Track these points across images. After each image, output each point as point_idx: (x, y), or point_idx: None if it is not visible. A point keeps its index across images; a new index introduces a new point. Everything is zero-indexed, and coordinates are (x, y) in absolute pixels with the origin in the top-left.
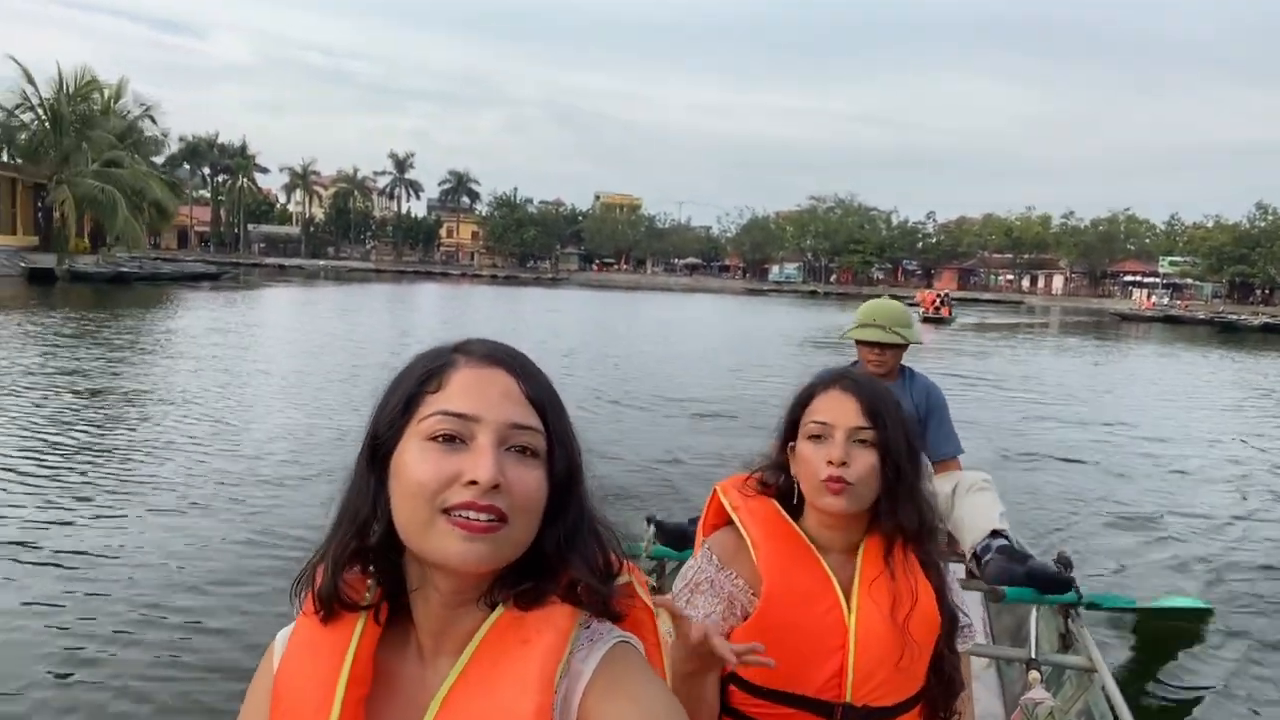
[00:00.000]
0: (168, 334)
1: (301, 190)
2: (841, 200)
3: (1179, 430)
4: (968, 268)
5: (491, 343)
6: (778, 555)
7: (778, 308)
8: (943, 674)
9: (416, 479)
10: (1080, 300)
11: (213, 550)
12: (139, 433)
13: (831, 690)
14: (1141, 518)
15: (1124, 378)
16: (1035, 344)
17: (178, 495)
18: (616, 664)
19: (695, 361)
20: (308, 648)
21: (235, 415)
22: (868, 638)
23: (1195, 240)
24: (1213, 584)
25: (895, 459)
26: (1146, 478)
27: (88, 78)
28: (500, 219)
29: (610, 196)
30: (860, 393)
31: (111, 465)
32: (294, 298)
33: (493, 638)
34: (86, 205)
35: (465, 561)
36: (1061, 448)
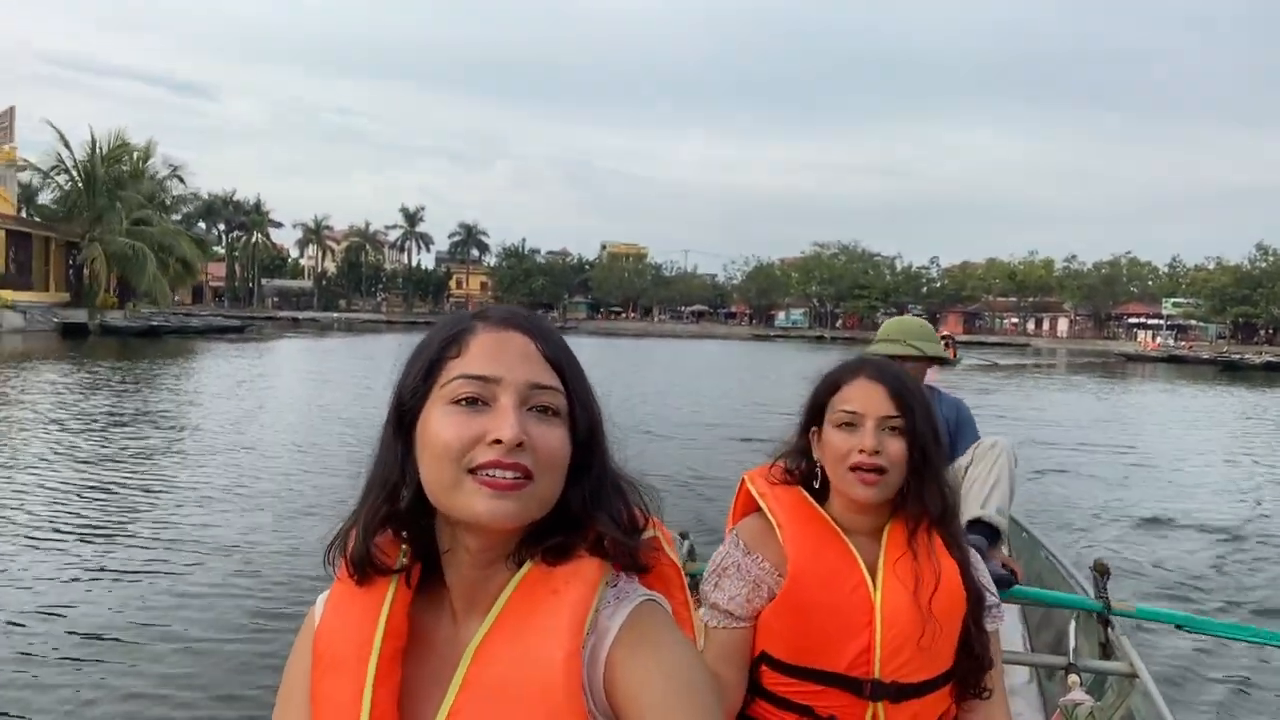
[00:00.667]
0: (206, 379)
1: (315, 245)
2: (845, 247)
3: (1194, 454)
4: (972, 311)
5: (508, 308)
6: (804, 537)
7: (785, 352)
8: (972, 650)
9: (442, 441)
10: (1085, 342)
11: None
12: (200, 468)
13: (860, 667)
14: (1172, 531)
15: (1136, 411)
16: (1044, 383)
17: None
18: (643, 621)
19: (714, 396)
20: (344, 608)
21: (271, 447)
22: (894, 614)
23: (1197, 282)
24: (1237, 597)
25: (922, 444)
26: (1172, 497)
27: (119, 141)
28: (508, 269)
29: (617, 246)
30: (888, 380)
31: (172, 493)
32: (312, 346)
33: (522, 591)
34: (117, 263)
35: (494, 518)
36: (1087, 471)
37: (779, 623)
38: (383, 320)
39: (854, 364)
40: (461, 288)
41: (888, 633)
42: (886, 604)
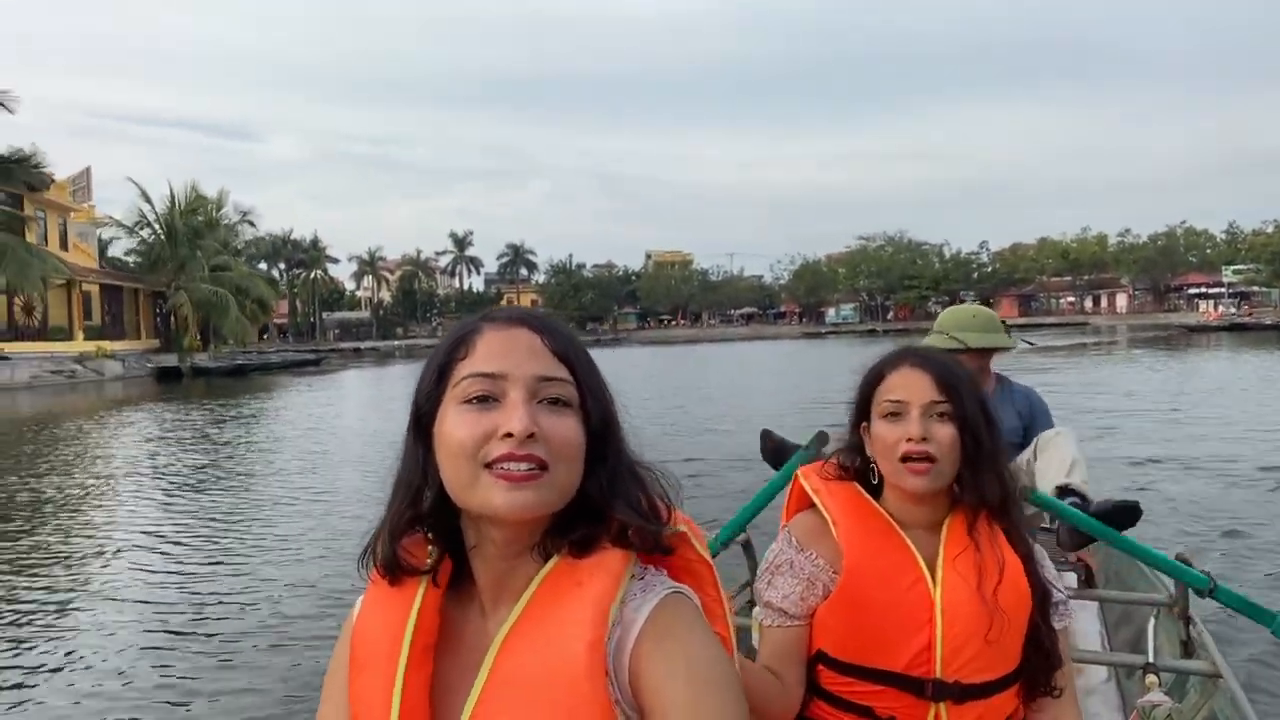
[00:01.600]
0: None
1: (370, 276)
2: (891, 238)
3: (1261, 425)
4: (1027, 294)
5: (515, 307)
6: (859, 532)
7: (838, 348)
8: (1040, 647)
9: (457, 440)
10: (1146, 316)
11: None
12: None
13: (921, 666)
14: (1254, 517)
15: (1201, 383)
16: (1105, 362)
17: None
18: (668, 613)
19: (774, 394)
20: (378, 607)
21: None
22: (955, 611)
23: (1256, 247)
24: None
25: (974, 429)
26: (1251, 483)
27: (195, 193)
28: (557, 285)
29: (661, 254)
30: (931, 367)
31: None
32: (385, 374)
33: (548, 583)
34: (201, 308)
35: (512, 509)
36: (1160, 452)
37: (835, 621)
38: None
39: (897, 353)
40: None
41: (949, 631)
42: (947, 601)
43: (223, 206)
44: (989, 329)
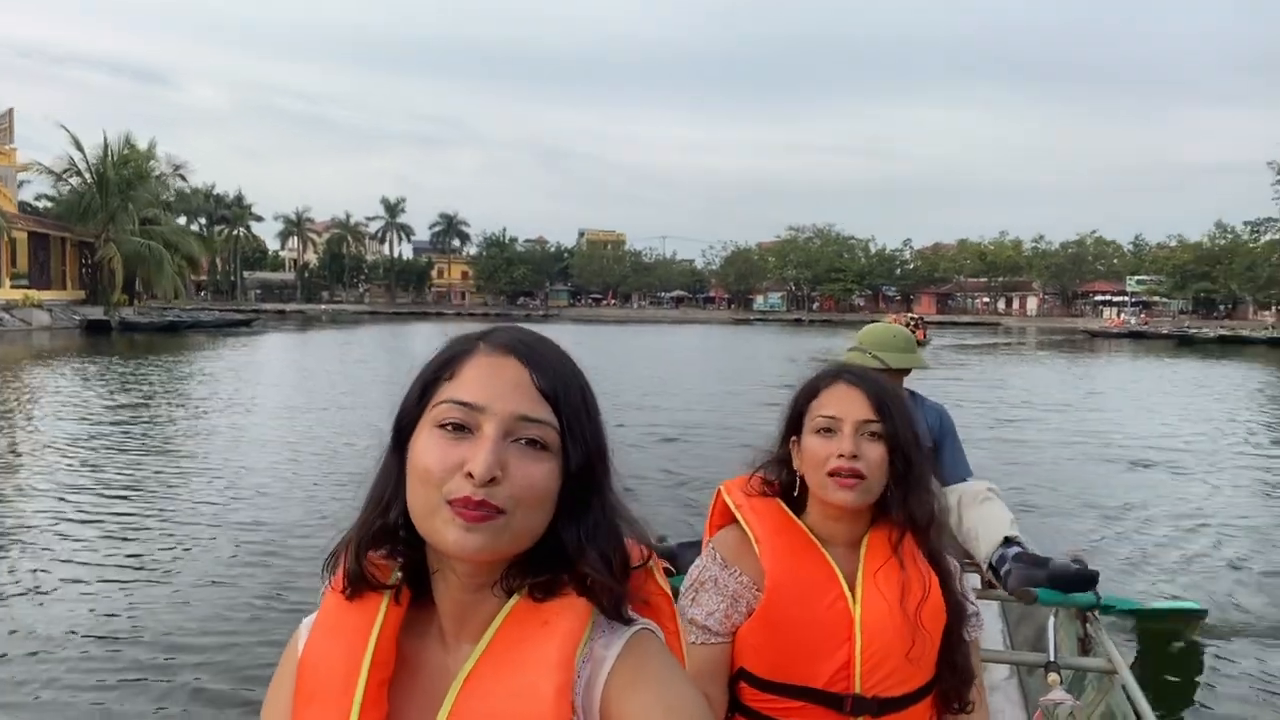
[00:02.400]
0: (250, 368)
1: (296, 237)
2: (820, 230)
3: (1147, 427)
4: (945, 292)
5: (514, 331)
6: (781, 550)
7: (765, 335)
8: (954, 663)
9: (424, 465)
10: (1054, 320)
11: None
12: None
13: (840, 682)
14: (1123, 513)
15: (1098, 383)
16: (1014, 361)
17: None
18: (639, 651)
19: (701, 386)
20: (331, 631)
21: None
22: (874, 628)
23: (1160, 260)
24: (1205, 579)
25: (904, 450)
26: (1125, 474)
27: (129, 144)
28: (489, 258)
29: (595, 233)
30: (866, 386)
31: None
32: (319, 339)
33: (512, 622)
34: (132, 262)
35: (462, 550)
36: (1048, 448)
37: (756, 639)
38: (367, 311)
39: (832, 371)
40: (443, 277)
41: (868, 647)
42: (866, 618)
43: (153, 158)
44: (907, 349)
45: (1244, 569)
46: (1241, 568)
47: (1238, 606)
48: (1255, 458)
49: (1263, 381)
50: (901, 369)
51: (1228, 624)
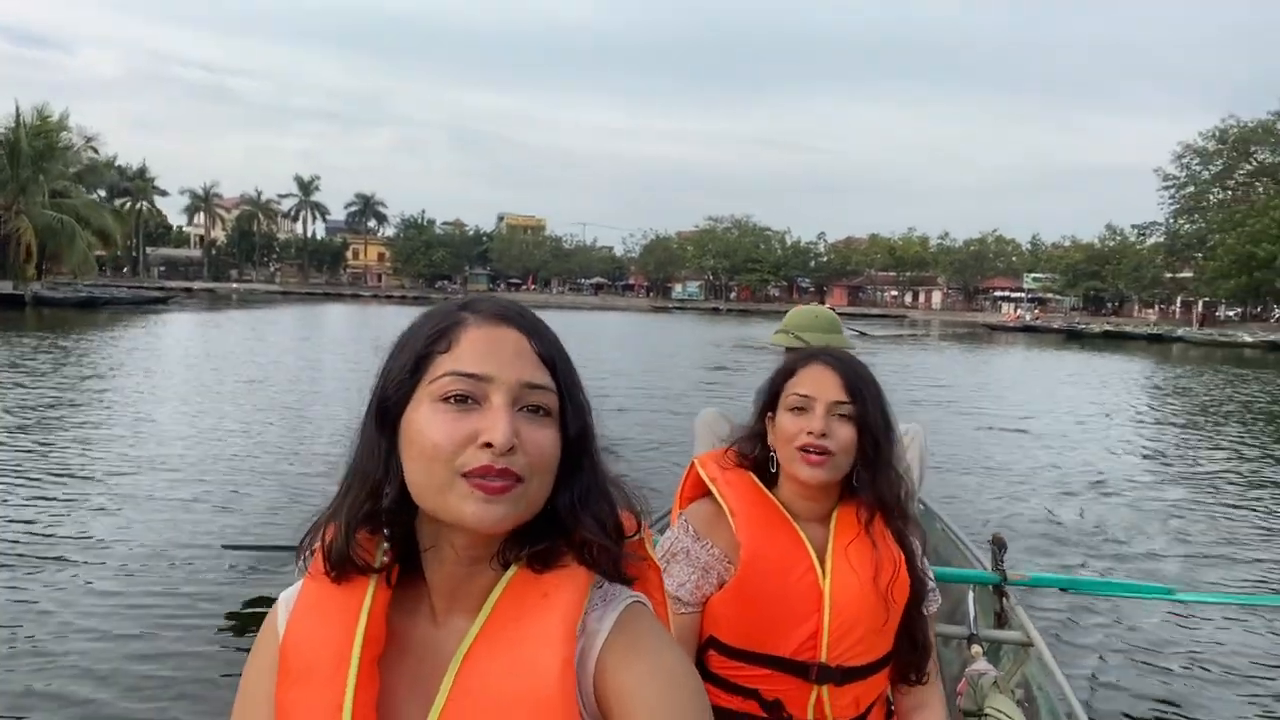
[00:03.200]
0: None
1: (204, 213)
2: (738, 221)
3: (1037, 409)
4: (856, 285)
5: (499, 300)
6: (755, 523)
7: (685, 323)
8: (915, 637)
9: (432, 441)
10: (956, 314)
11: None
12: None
13: (807, 651)
14: (1039, 493)
15: (993, 370)
16: (920, 351)
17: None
18: (632, 624)
19: (633, 362)
20: (317, 610)
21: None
22: (842, 601)
23: (1054, 259)
24: (1116, 558)
25: (873, 432)
26: (1025, 455)
27: (42, 115)
28: (407, 241)
29: (514, 217)
30: (841, 368)
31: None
32: (237, 319)
33: (511, 594)
34: (42, 235)
35: (483, 523)
36: (954, 432)
37: (728, 609)
38: (280, 291)
39: (810, 352)
40: (358, 258)
41: (835, 619)
42: (835, 590)
43: (66, 129)
44: (831, 330)
45: (1115, 536)
46: (1113, 536)
47: (1129, 570)
48: (1135, 437)
49: (1138, 372)
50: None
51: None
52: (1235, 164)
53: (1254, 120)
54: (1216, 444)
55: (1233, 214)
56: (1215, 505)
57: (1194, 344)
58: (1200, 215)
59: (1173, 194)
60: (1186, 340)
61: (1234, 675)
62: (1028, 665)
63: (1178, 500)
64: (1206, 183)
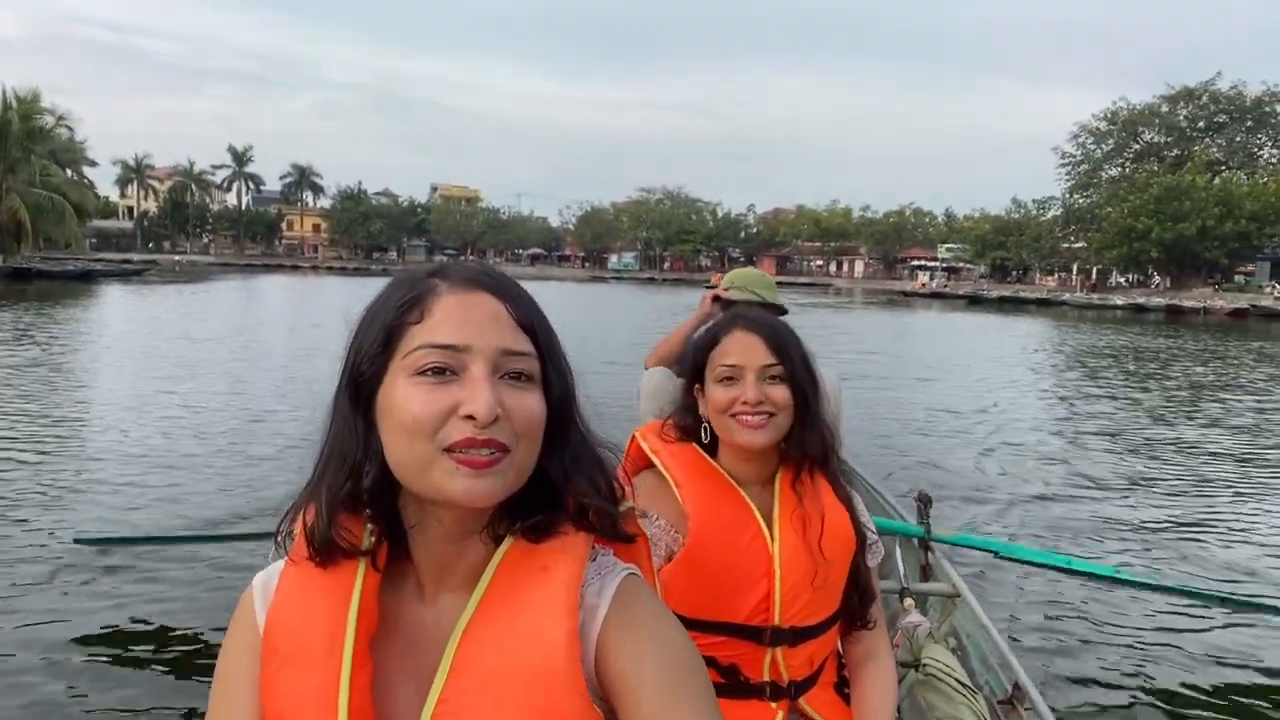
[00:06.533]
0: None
1: (136, 184)
2: (670, 192)
3: (940, 364)
4: (784, 255)
5: (470, 264)
6: (701, 493)
7: (623, 291)
8: (860, 584)
9: (411, 416)
10: (877, 282)
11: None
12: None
13: (760, 615)
14: (948, 448)
15: (904, 337)
16: (845, 316)
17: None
18: (630, 597)
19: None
20: (306, 592)
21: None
22: (792, 562)
23: (965, 230)
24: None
25: (803, 389)
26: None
27: (33, 96)
28: (344, 212)
29: (448, 188)
30: (763, 331)
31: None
32: (221, 288)
33: (508, 567)
34: (34, 213)
35: (472, 498)
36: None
37: (681, 580)
38: (217, 263)
39: (729, 319)
40: (294, 229)
41: (786, 580)
42: (785, 552)
43: (44, 110)
44: (768, 287)
45: (1009, 484)
46: (1006, 484)
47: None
48: (1017, 385)
49: (1023, 331)
50: (779, 306)
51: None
52: (1125, 143)
53: (1141, 104)
54: (1062, 384)
55: (1118, 189)
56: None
57: (1076, 307)
58: (1095, 190)
59: (1069, 170)
60: (1070, 304)
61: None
62: (956, 615)
63: (1055, 438)
64: (1099, 160)
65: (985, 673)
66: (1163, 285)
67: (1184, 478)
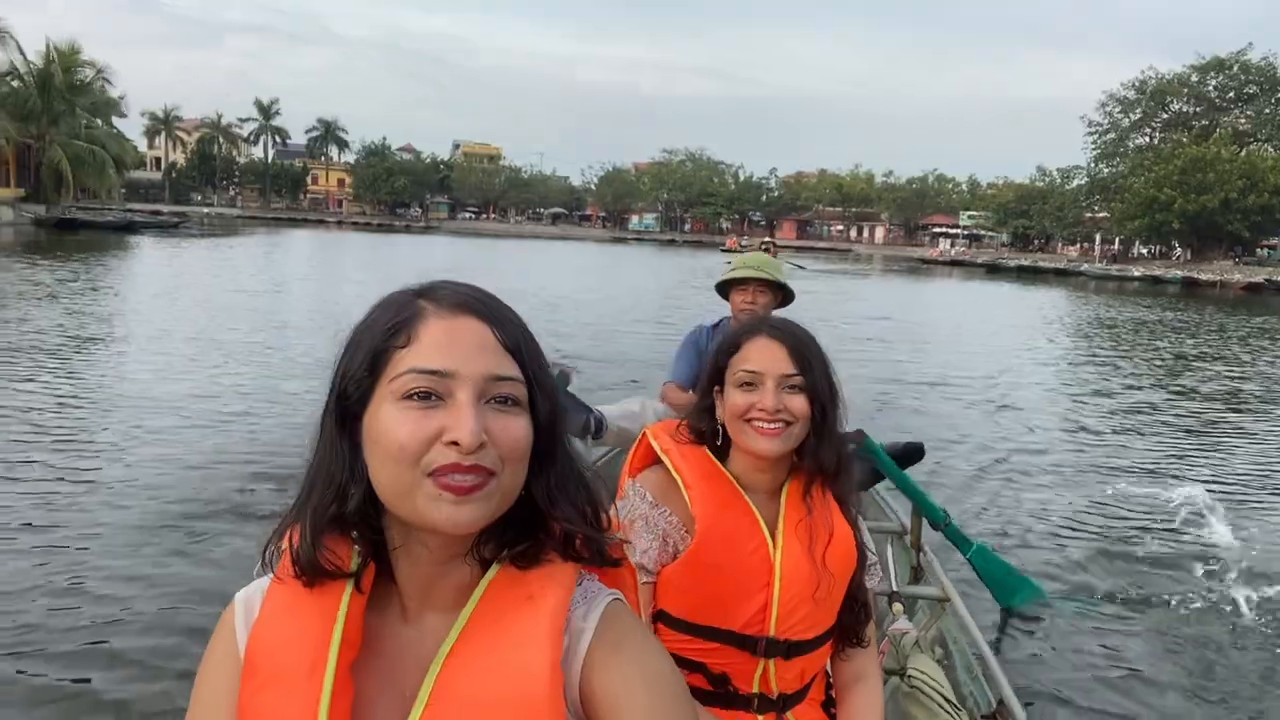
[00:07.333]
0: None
1: (165, 136)
2: (692, 154)
3: (946, 334)
4: (805, 219)
5: (458, 286)
6: (709, 497)
7: (644, 253)
8: (857, 603)
9: (397, 441)
10: (897, 248)
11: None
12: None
13: (756, 625)
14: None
15: (923, 296)
16: (861, 283)
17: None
18: (615, 623)
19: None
20: (290, 611)
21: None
22: (792, 574)
23: (988, 198)
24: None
25: (821, 401)
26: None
27: (73, 50)
28: (369, 167)
29: (470, 145)
30: (786, 339)
31: None
32: (254, 242)
33: (494, 594)
34: (75, 165)
35: (456, 525)
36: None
37: (681, 582)
38: (244, 216)
39: (753, 324)
40: (318, 184)
41: (785, 593)
42: (786, 565)
43: (86, 63)
44: (782, 270)
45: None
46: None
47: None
48: (1024, 350)
49: (1041, 301)
50: (786, 287)
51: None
52: (1153, 113)
53: (1171, 73)
54: (1076, 349)
55: (1143, 159)
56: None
57: (1093, 278)
58: (1121, 160)
59: (1095, 139)
60: (1087, 275)
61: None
62: (944, 620)
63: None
64: (1126, 129)
65: (970, 683)
66: (1184, 258)
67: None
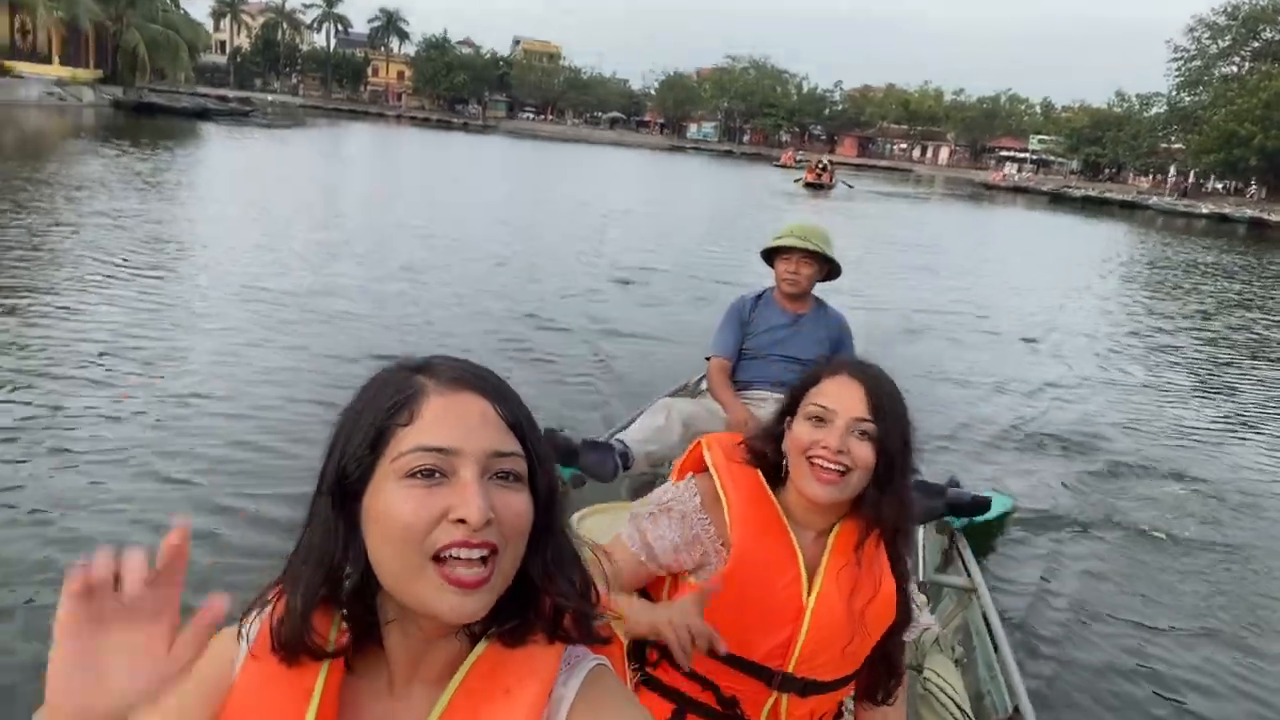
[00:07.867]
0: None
1: (230, 19)
2: (756, 62)
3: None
4: (867, 136)
5: (457, 362)
6: (750, 523)
7: (698, 166)
8: (890, 661)
9: (402, 522)
10: (961, 171)
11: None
12: None
13: (775, 659)
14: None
15: (975, 230)
16: (919, 209)
17: None
18: (596, 688)
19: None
20: (264, 683)
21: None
22: (823, 620)
23: (1061, 122)
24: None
25: (890, 453)
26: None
27: None
28: (429, 61)
29: (530, 43)
30: (868, 382)
31: None
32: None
33: (479, 670)
34: (150, 48)
35: (459, 616)
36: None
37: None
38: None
39: (839, 362)
40: (379, 75)
41: (813, 634)
42: (819, 608)
43: None
44: (825, 241)
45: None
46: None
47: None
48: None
49: (1108, 236)
50: (834, 262)
51: (1073, 514)
52: (1243, 41)
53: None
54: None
55: (1227, 89)
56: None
57: (1160, 212)
58: (1205, 89)
59: (1180, 66)
60: (1154, 209)
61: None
62: (968, 610)
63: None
64: (1213, 57)
65: (989, 681)
66: (1258, 195)
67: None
